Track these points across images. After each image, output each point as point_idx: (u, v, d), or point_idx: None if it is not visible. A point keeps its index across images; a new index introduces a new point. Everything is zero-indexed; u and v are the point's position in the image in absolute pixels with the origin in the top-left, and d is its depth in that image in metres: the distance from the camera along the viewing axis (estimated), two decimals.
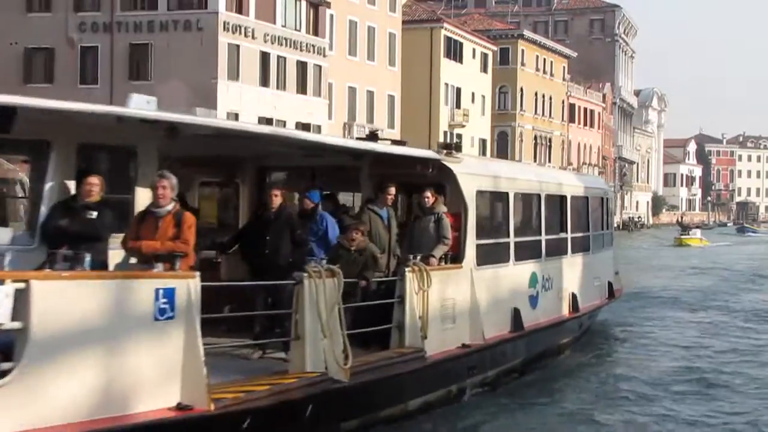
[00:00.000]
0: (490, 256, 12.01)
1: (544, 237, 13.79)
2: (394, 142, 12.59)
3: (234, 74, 41.97)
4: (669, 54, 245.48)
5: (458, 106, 61.28)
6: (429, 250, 10.74)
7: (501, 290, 12.31)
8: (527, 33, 72.30)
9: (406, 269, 10.01)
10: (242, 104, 41.76)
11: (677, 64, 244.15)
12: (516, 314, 12.56)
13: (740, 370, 14.35)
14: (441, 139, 60.07)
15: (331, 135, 49.30)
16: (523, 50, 71.98)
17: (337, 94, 50.84)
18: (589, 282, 16.02)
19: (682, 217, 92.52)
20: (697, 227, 64.61)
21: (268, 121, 41.65)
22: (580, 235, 15.52)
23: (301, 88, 46.64)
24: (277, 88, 44.93)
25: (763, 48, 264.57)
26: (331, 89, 49.96)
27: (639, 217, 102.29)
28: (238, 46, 42.12)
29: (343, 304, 8.75)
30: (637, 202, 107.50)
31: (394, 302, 10.03)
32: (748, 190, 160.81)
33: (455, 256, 11.30)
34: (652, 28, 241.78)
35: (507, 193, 12.78)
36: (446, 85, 59.96)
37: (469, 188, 11.48)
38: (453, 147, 11.77)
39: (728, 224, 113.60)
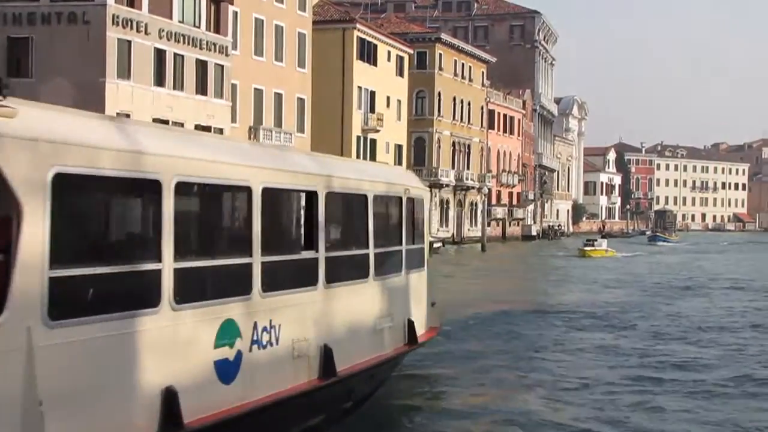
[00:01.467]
0: (96, 301, 6.27)
1: (259, 259, 7.99)
2: None
3: (125, 72, 38.83)
4: (590, 62, 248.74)
5: (372, 110, 59.12)
6: None
7: (139, 363, 6.58)
8: (445, 36, 70.63)
9: None
10: (134, 104, 38.69)
11: (598, 73, 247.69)
12: (169, 402, 6.73)
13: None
14: (354, 144, 58.01)
15: (238, 138, 46.83)
16: (440, 54, 70.27)
17: (242, 96, 48.12)
18: (365, 325, 10.28)
19: (604, 226, 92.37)
20: (604, 237, 62.27)
21: (164, 123, 38.70)
22: (347, 253, 10.09)
23: (201, 89, 43.74)
24: (174, 88, 41.91)
25: (681, 59, 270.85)
26: (235, 91, 47.24)
27: (559, 225, 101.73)
28: (129, 42, 39.00)
29: None
30: (558, 211, 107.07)
31: None
32: (666, 199, 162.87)
33: None
34: (573, 36, 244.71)
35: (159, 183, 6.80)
36: (359, 88, 57.74)
37: (26, 171, 5.73)
38: None
39: (647, 232, 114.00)
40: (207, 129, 41.58)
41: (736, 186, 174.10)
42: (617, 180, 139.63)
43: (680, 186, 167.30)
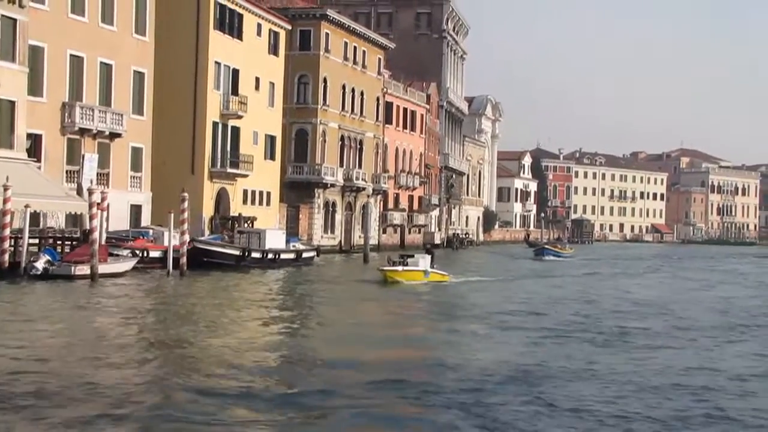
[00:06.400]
0: None
1: None
2: None
3: None
4: (507, 63, 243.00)
5: (235, 92, 49.43)
6: None
7: None
8: (332, 14, 61.36)
9: None
10: None
11: (516, 75, 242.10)
12: None
13: None
14: (210, 130, 48.22)
15: (41, 116, 36.84)
16: (327, 34, 61.00)
17: (52, 64, 38.05)
18: None
19: (528, 235, 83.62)
20: (428, 251, 39.53)
21: None
22: None
23: None
24: None
25: (601, 66, 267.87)
26: (40, 55, 37.21)
27: (467, 233, 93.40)
28: None
29: None
30: (467, 217, 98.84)
31: None
32: (584, 208, 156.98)
33: None
34: (490, 34, 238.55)
35: None
36: (217, 64, 48.01)
37: None
38: None
39: (564, 242, 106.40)
40: None
41: (655, 196, 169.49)
42: (533, 186, 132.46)
43: (598, 195, 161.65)
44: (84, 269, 29.60)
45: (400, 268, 35.25)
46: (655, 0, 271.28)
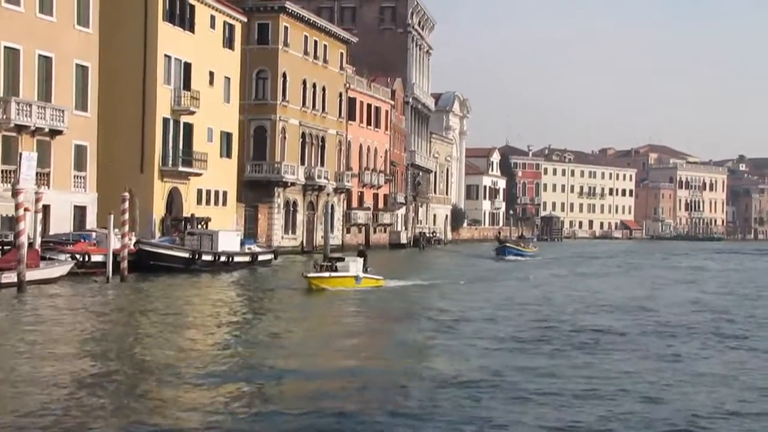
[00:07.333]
0: None
1: None
2: None
3: None
4: (475, 59, 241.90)
5: (187, 86, 47.17)
6: None
7: None
8: (291, 6, 59.19)
9: None
10: None
11: (484, 71, 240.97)
12: None
13: None
14: (160, 127, 45.94)
15: None
16: (286, 27, 58.86)
17: None
18: None
19: (500, 233, 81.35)
20: (360, 254, 35.12)
21: None
22: None
23: None
24: None
25: (570, 62, 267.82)
26: None
27: (434, 232, 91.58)
28: None
29: None
30: (435, 216, 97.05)
31: None
32: (553, 205, 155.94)
33: None
34: (457, 30, 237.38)
35: None
36: (167, 57, 45.71)
37: None
38: None
39: (534, 239, 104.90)
40: None
41: (623, 192, 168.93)
42: (502, 184, 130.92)
43: (567, 192, 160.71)
44: (11, 276, 27.32)
45: (327, 274, 31.41)
46: None
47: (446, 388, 14.40)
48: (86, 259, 34.40)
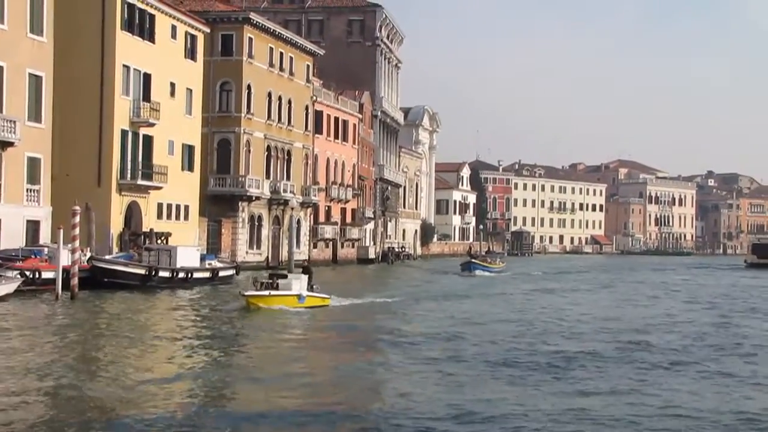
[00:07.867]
0: None
1: None
2: None
3: None
4: (445, 73, 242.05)
5: (147, 98, 45.91)
6: None
7: None
8: (255, 17, 58.17)
9: None
10: None
11: (454, 85, 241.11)
12: None
13: None
14: (118, 139, 44.64)
15: None
16: (251, 39, 57.80)
17: None
18: None
19: (471, 248, 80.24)
20: (305, 271, 32.36)
21: None
22: None
23: None
24: None
25: (538, 76, 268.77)
26: None
27: (403, 247, 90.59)
28: None
29: None
30: (404, 231, 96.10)
31: None
32: (524, 220, 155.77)
33: None
34: (429, 44, 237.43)
35: None
36: (126, 67, 44.45)
37: None
38: None
39: (504, 254, 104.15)
40: None
41: (594, 207, 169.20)
42: (472, 199, 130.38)
43: (538, 206, 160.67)
44: None
45: (266, 292, 29.38)
46: (592, 13, 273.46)
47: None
48: (36, 275, 33.03)
